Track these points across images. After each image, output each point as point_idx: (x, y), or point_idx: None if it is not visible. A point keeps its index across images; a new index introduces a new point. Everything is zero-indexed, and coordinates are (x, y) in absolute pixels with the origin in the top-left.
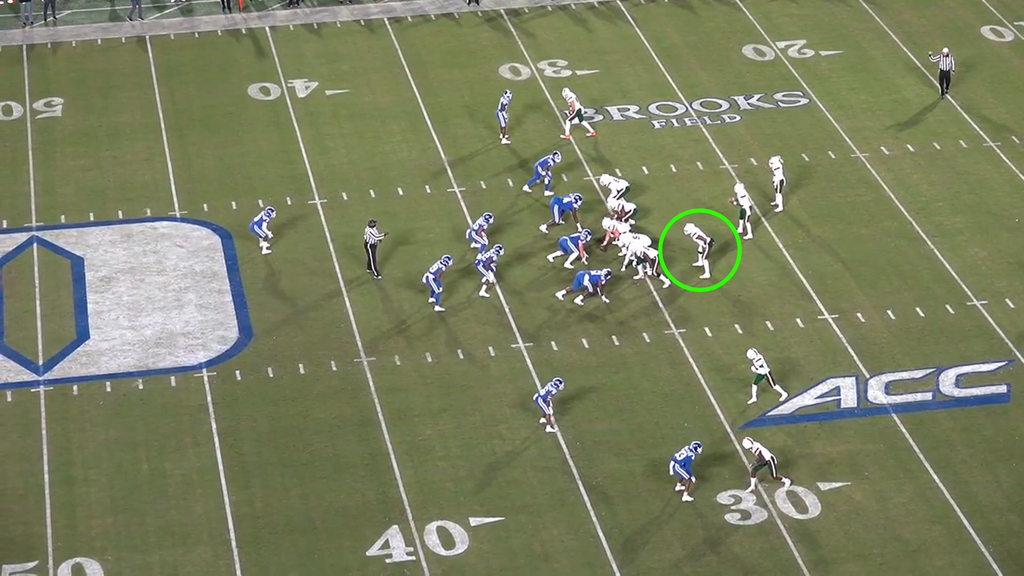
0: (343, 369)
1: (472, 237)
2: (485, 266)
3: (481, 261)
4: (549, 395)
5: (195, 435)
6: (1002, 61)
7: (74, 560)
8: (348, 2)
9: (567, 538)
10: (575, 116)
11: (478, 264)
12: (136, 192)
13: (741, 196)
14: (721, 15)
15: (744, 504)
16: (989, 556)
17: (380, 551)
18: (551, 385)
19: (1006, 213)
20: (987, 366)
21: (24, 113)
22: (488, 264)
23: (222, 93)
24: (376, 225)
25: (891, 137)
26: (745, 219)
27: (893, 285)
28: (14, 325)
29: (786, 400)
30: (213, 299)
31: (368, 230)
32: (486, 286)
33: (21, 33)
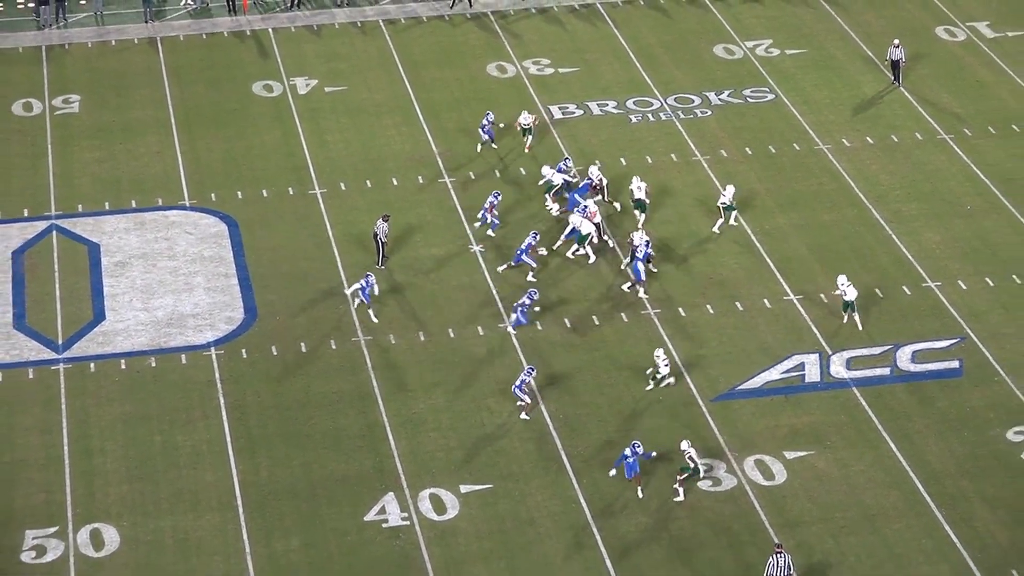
0: (342, 347)
1: (484, 217)
2: (523, 312)
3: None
4: (524, 383)
5: (204, 409)
6: (955, 59)
7: (92, 525)
8: (345, 5)
9: (551, 504)
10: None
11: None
12: (148, 183)
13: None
14: (693, 17)
15: (715, 472)
16: (942, 519)
17: (377, 516)
18: (524, 374)
19: (958, 201)
20: (941, 343)
21: (44, 110)
22: (524, 309)
23: (228, 90)
24: (388, 220)
25: (852, 130)
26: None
27: (854, 268)
28: (35, 307)
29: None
30: (220, 282)
31: (380, 224)
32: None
33: (41, 35)
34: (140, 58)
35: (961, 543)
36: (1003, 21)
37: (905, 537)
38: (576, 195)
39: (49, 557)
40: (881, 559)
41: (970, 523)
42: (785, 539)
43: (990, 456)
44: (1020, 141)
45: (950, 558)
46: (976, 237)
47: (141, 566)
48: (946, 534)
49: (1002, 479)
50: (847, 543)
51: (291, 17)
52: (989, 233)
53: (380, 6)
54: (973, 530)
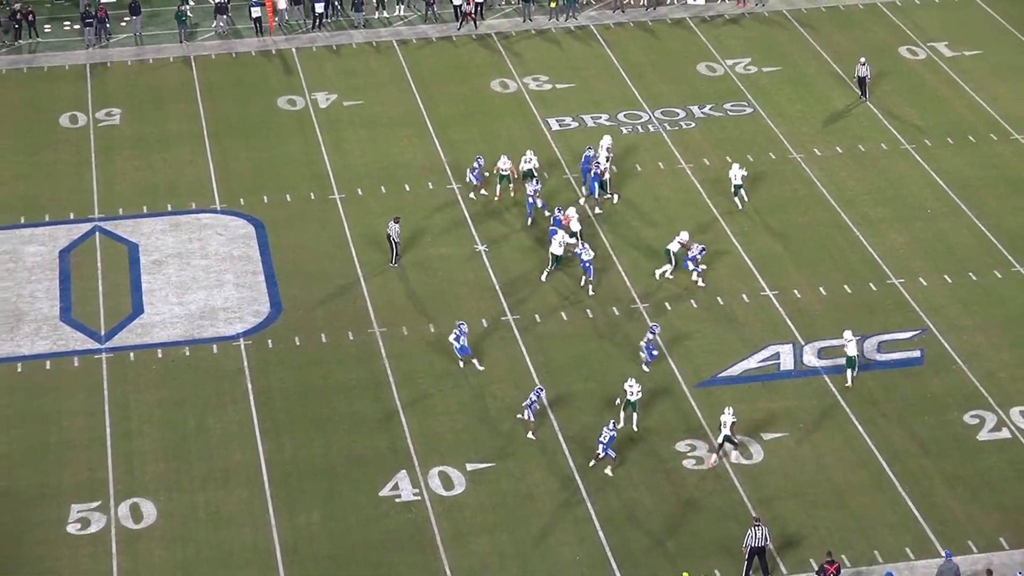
0: (359, 338)
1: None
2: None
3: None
4: (533, 405)
5: (233, 395)
6: (916, 76)
7: (132, 500)
8: (362, 26)
9: (548, 480)
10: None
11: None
12: (183, 188)
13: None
14: (678, 37)
15: (698, 451)
16: (905, 494)
17: (390, 492)
18: (533, 394)
19: (920, 205)
20: (904, 334)
21: (88, 122)
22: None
23: (255, 104)
24: (399, 222)
25: (822, 140)
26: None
27: (825, 266)
28: (80, 302)
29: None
30: (248, 279)
31: (392, 226)
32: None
33: (85, 54)
34: (175, 75)
35: (922, 516)
36: (960, 42)
37: (871, 511)
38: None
39: (92, 529)
40: (849, 531)
41: (930, 498)
42: (762, 513)
43: (948, 438)
44: (976, 151)
45: (912, 530)
46: (936, 238)
47: (176, 537)
48: (909, 508)
49: (959, 458)
50: (818, 516)
51: (312, 38)
52: (947, 234)
53: (393, 28)
54: (933, 505)
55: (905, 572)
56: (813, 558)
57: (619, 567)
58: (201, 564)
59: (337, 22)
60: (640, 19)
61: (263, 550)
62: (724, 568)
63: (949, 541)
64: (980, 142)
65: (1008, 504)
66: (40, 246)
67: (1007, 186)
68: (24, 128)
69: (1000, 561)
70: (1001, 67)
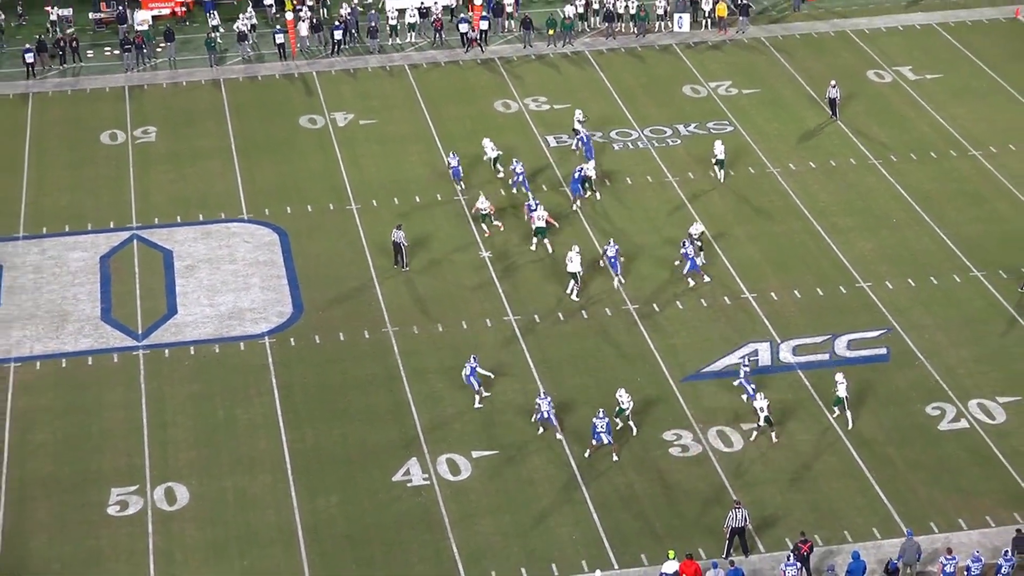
0: (374, 337)
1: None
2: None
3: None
4: (549, 412)
5: (259, 388)
6: (883, 98)
7: (166, 484)
8: (376, 52)
9: (547, 467)
10: (496, 161)
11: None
12: (213, 200)
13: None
14: (666, 62)
15: (683, 440)
16: (872, 479)
17: (402, 477)
18: (544, 404)
19: (886, 215)
20: (871, 333)
21: (126, 139)
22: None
23: (279, 123)
24: (402, 228)
25: (797, 156)
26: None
27: (799, 270)
28: (119, 303)
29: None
30: (273, 283)
31: (397, 232)
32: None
33: (124, 77)
34: (206, 96)
35: (888, 499)
36: (923, 67)
37: (842, 495)
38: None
39: (131, 510)
40: (822, 513)
41: (895, 483)
42: (742, 496)
43: (912, 427)
44: (937, 166)
45: (879, 512)
46: (900, 245)
47: (206, 518)
48: (876, 492)
49: (921, 446)
50: (793, 499)
51: (331, 63)
52: (911, 242)
53: (405, 53)
54: (897, 489)
55: (872, 550)
56: (788, 537)
57: (611, 546)
58: (229, 543)
59: (354, 48)
60: (630, 45)
61: (286, 530)
62: (707, 547)
63: (912, 522)
64: (941, 158)
65: (966, 488)
66: (83, 252)
67: (965, 198)
68: (69, 145)
69: (959, 540)
70: (960, 90)
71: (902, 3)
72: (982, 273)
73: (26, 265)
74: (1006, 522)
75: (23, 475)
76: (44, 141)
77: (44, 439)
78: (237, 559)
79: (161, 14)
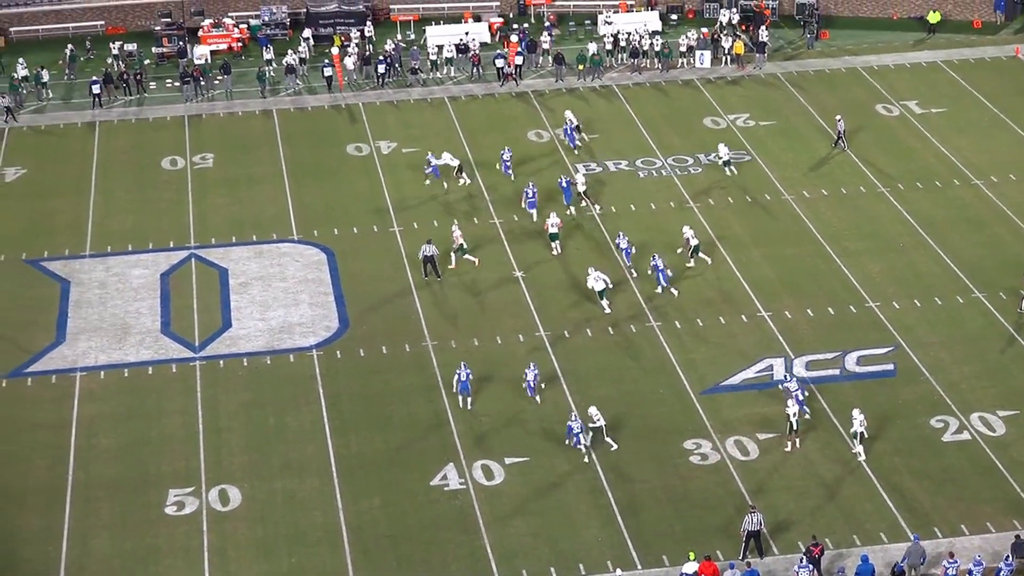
0: (414, 350)
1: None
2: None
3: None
4: (579, 434)
5: (307, 398)
6: (891, 130)
7: (220, 486)
8: (420, 85)
9: (575, 473)
10: (458, 170)
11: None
12: (265, 222)
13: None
14: (688, 95)
15: (703, 449)
16: (880, 487)
17: (440, 482)
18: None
19: (894, 240)
20: (879, 350)
21: (185, 164)
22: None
23: (327, 150)
24: (432, 242)
25: (810, 184)
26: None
27: (811, 291)
28: (178, 317)
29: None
30: (320, 299)
31: (428, 247)
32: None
33: (184, 107)
34: (260, 125)
35: (894, 506)
36: (929, 101)
37: (851, 501)
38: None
39: (187, 510)
40: (832, 518)
41: (901, 491)
42: (757, 502)
43: (917, 439)
44: (941, 194)
45: (887, 518)
46: (907, 268)
47: (257, 518)
48: (883, 499)
49: (926, 456)
50: (805, 506)
51: (377, 94)
52: (917, 264)
53: (444, 86)
54: (903, 496)
55: (880, 553)
56: (800, 541)
57: (635, 547)
58: (278, 541)
59: (397, 81)
60: (655, 80)
61: (331, 530)
62: (725, 549)
63: (917, 527)
64: (945, 187)
65: (968, 496)
66: (144, 270)
67: (968, 224)
68: (132, 170)
69: (961, 545)
70: (963, 123)
71: (910, 42)
72: (983, 294)
73: (92, 281)
74: (1006, 528)
75: (87, 477)
76: (110, 166)
77: (107, 444)
78: (285, 557)
79: (219, 49)
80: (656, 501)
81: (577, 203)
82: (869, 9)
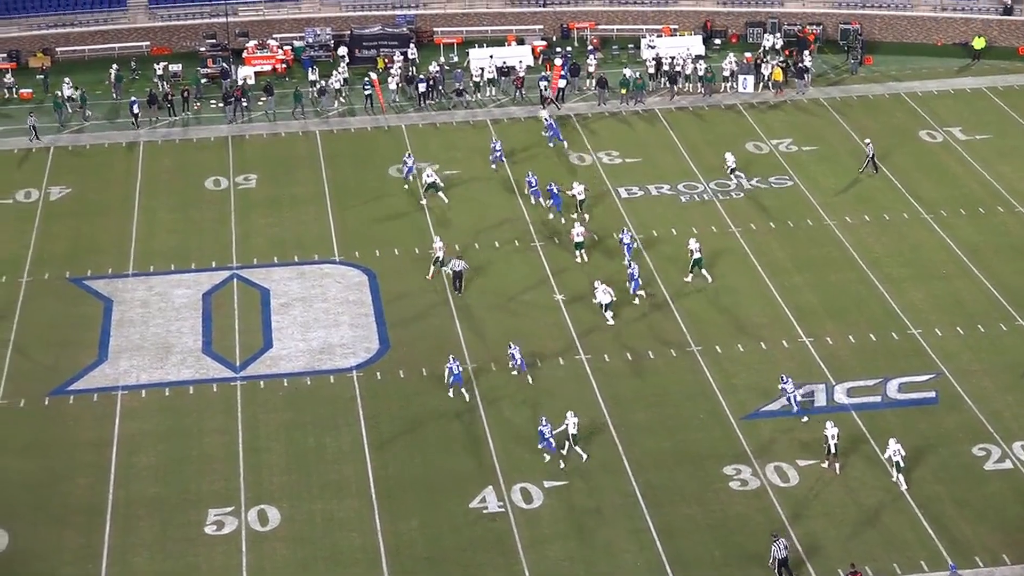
0: None
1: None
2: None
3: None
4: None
5: (347, 418)
6: (934, 156)
7: (259, 506)
8: (463, 107)
9: (614, 496)
10: (428, 187)
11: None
12: (307, 242)
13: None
14: (730, 120)
15: (743, 475)
16: (920, 515)
17: (478, 504)
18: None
19: (936, 267)
20: (921, 377)
21: (228, 185)
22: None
23: (369, 172)
24: (462, 257)
25: (852, 210)
26: (700, 267)
27: (853, 317)
28: (219, 336)
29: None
30: (361, 320)
31: (458, 262)
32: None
33: (227, 128)
34: (302, 146)
35: (935, 534)
36: (972, 128)
37: (891, 529)
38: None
39: (226, 530)
40: (872, 545)
41: (942, 520)
42: (795, 529)
43: (958, 467)
44: (984, 220)
45: (928, 546)
46: (949, 295)
47: (296, 539)
48: (924, 528)
49: (968, 485)
50: (844, 532)
51: (420, 116)
52: (960, 292)
53: (487, 108)
54: (945, 525)
55: None
56: (840, 568)
57: (673, 572)
58: (317, 562)
59: (439, 103)
60: (697, 104)
61: (370, 551)
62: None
63: (958, 557)
64: (988, 213)
65: (1010, 525)
66: (187, 289)
67: (1011, 251)
68: (175, 190)
69: (1001, 574)
70: (1007, 149)
71: (954, 68)
72: None
73: (134, 300)
74: None
75: (128, 495)
76: (153, 186)
77: (148, 462)
78: None
79: (263, 70)
80: (695, 526)
81: (568, 214)
82: (913, 35)
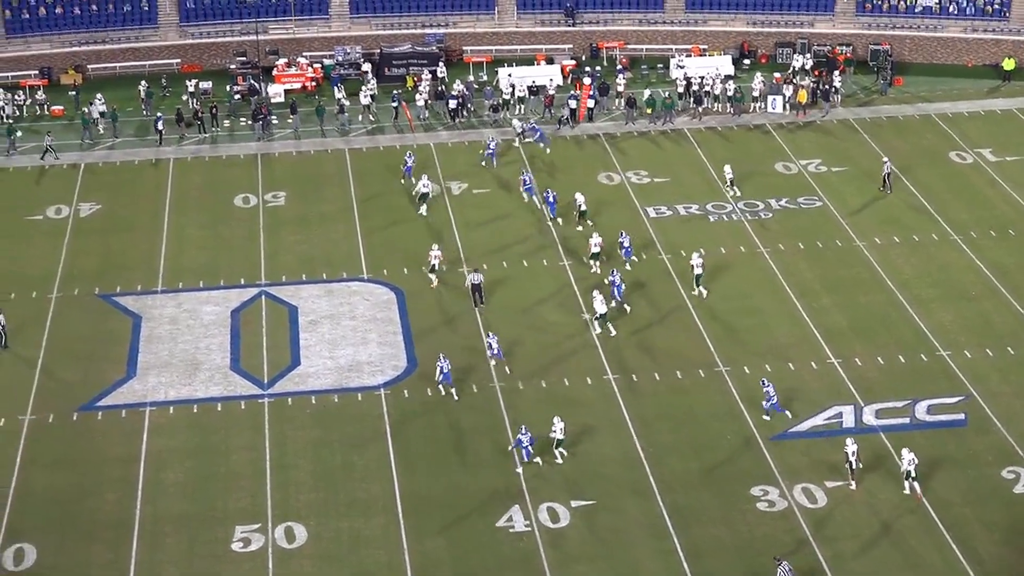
0: (481, 391)
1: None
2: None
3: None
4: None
5: (374, 436)
6: (964, 178)
7: (286, 523)
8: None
9: (640, 516)
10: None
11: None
12: (335, 260)
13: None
14: (758, 140)
15: (770, 496)
16: (949, 538)
17: (505, 523)
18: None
19: (965, 288)
20: (950, 399)
21: (257, 202)
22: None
23: (397, 189)
24: (479, 271)
25: (882, 231)
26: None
27: (882, 338)
28: (247, 354)
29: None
30: (389, 338)
31: (476, 275)
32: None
33: (256, 145)
34: (331, 164)
35: (964, 557)
36: (1003, 149)
37: (919, 551)
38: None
39: (253, 547)
40: (899, 569)
41: (970, 542)
42: (822, 550)
43: (987, 489)
44: (1014, 242)
45: (956, 569)
46: (979, 316)
47: (323, 556)
48: (952, 550)
49: (997, 508)
50: (872, 555)
51: (449, 135)
52: (989, 313)
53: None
54: (973, 548)
55: None
56: None
57: None
58: None
59: (469, 121)
60: (726, 124)
61: (397, 569)
62: None
63: None
64: (1018, 235)
65: None
66: (215, 306)
67: None
68: (205, 207)
69: None
70: None
71: (984, 89)
72: None
73: (163, 317)
74: None
75: (155, 511)
76: (182, 203)
77: (175, 478)
78: None
79: (292, 88)
80: (722, 547)
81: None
82: (943, 56)
